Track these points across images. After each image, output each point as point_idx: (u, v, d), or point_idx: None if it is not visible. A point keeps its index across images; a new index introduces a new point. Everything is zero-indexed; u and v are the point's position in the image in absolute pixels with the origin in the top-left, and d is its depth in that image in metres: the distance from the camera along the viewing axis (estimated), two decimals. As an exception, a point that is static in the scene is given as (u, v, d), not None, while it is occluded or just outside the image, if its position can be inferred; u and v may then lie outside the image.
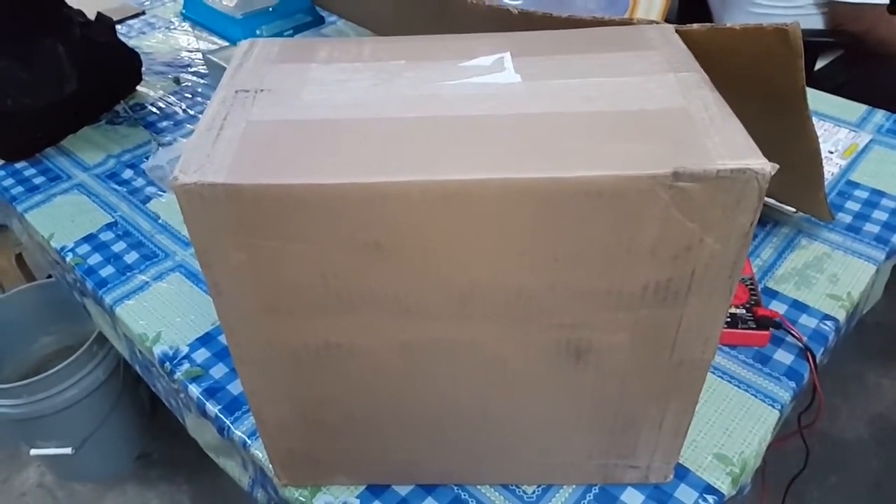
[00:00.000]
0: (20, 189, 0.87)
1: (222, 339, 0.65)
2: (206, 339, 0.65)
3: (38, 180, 0.89)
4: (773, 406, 0.57)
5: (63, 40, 0.91)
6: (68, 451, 1.17)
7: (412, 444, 0.49)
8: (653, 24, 0.47)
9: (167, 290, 0.72)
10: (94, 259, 0.76)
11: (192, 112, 1.01)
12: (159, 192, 0.85)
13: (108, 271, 0.74)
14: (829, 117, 0.91)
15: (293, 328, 0.41)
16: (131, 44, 1.08)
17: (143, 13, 1.31)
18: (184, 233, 0.79)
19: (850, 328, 0.70)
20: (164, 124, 0.98)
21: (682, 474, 0.52)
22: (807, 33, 0.46)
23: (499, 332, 0.41)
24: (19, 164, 0.92)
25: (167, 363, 0.64)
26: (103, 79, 0.99)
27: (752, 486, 0.56)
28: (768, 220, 0.75)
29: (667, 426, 0.46)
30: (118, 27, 1.05)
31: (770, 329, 0.61)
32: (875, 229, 0.73)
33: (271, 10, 1.12)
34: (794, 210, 0.74)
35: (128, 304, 0.70)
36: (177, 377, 0.63)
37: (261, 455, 0.55)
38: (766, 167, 0.33)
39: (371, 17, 1.01)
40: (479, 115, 0.38)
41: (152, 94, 1.06)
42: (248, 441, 0.56)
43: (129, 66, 1.05)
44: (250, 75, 0.42)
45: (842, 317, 0.64)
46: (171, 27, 1.26)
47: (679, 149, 0.35)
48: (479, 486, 0.53)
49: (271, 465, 0.52)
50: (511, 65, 0.42)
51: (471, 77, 0.41)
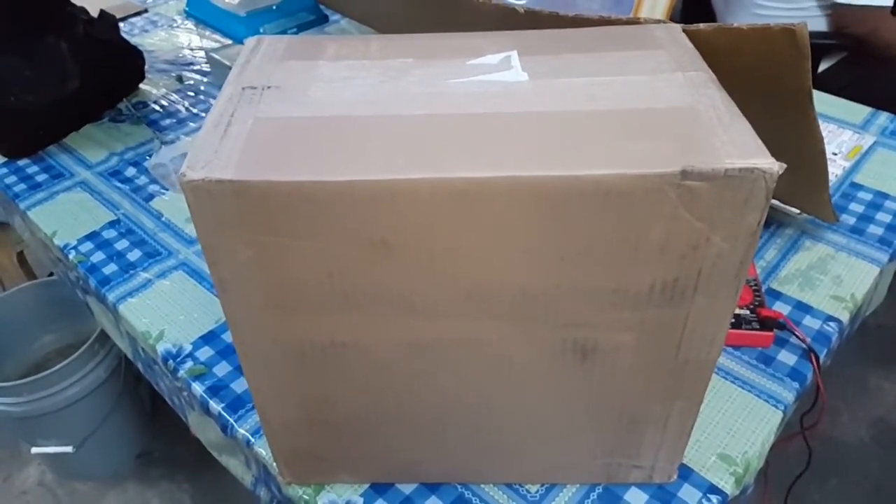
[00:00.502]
0: (23, 186, 0.87)
1: (226, 337, 0.65)
2: (209, 338, 0.65)
3: (41, 178, 0.89)
4: (776, 407, 0.57)
5: (66, 38, 0.91)
6: (69, 449, 1.17)
7: (416, 443, 0.49)
8: (660, 23, 0.47)
9: (170, 288, 0.71)
10: (97, 257, 0.76)
11: (194, 110, 1.01)
12: (162, 190, 0.85)
13: (111, 269, 0.74)
14: (833, 119, 0.91)
15: (299, 326, 0.41)
16: (134, 41, 1.08)
17: (146, 11, 1.32)
18: (187, 231, 0.79)
19: (853, 330, 0.70)
20: (167, 122, 0.98)
21: (685, 474, 0.52)
22: (811, 35, 0.46)
23: (504, 331, 0.41)
24: (22, 162, 0.92)
25: (170, 361, 0.64)
26: (106, 76, 0.99)
27: (754, 487, 0.56)
28: (772, 221, 0.75)
29: (671, 426, 0.46)
30: (121, 25, 1.05)
31: (774, 330, 0.61)
32: (879, 231, 0.73)
33: (275, 8, 1.12)
34: (798, 212, 0.74)
35: (131, 301, 0.70)
36: (180, 375, 0.63)
37: (264, 453, 0.55)
38: (774, 166, 0.33)
39: (375, 16, 1.01)
40: (487, 112, 0.38)
41: (155, 91, 1.06)
42: (252, 439, 0.56)
43: (132, 63, 1.05)
44: (257, 72, 0.42)
45: (845, 318, 0.64)
46: (174, 25, 1.26)
47: (687, 148, 0.35)
48: (482, 485, 0.53)
49: (275, 463, 0.52)
50: (518, 63, 0.42)
51: (478, 75, 0.41)
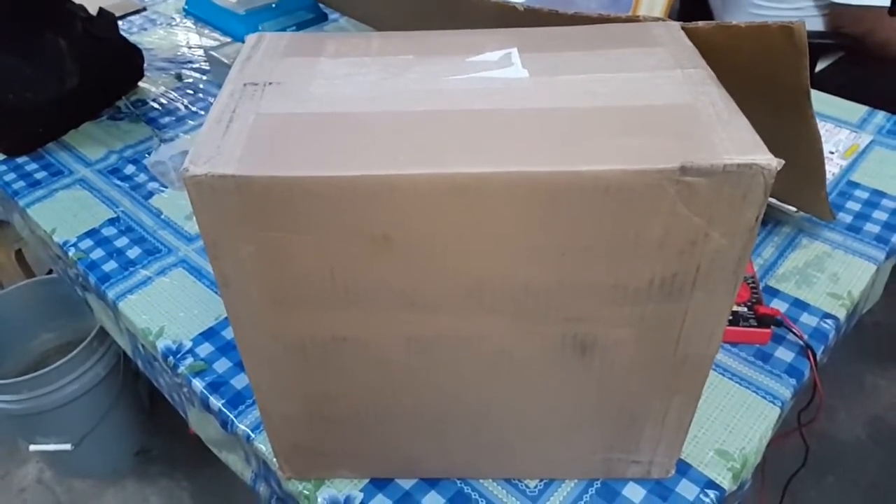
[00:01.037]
0: (22, 184, 0.87)
1: (225, 333, 0.66)
2: (209, 334, 0.66)
3: (40, 175, 0.89)
4: (773, 403, 0.57)
5: (65, 35, 0.91)
6: (68, 447, 1.17)
7: (416, 438, 0.49)
8: (659, 21, 0.47)
9: (170, 285, 0.72)
10: (97, 254, 0.76)
11: (193, 108, 1.01)
12: (161, 188, 0.86)
13: (110, 266, 0.74)
14: (830, 118, 0.91)
15: (300, 321, 0.41)
16: (133, 40, 1.08)
17: (145, 9, 1.32)
18: (186, 228, 0.79)
19: (850, 327, 0.71)
20: (166, 120, 0.99)
21: (683, 469, 0.53)
22: (808, 35, 0.46)
23: (504, 326, 0.41)
24: (21, 159, 0.92)
25: (170, 358, 0.64)
26: (105, 74, 0.99)
27: (751, 483, 0.56)
28: (770, 219, 0.75)
29: (670, 421, 0.47)
30: (120, 23, 1.05)
31: (771, 327, 0.62)
32: (875, 229, 0.74)
33: (274, 6, 1.12)
34: (795, 210, 0.75)
35: (131, 298, 0.70)
36: (180, 371, 0.63)
37: (264, 449, 0.55)
38: (772, 162, 0.34)
39: (374, 14, 1.01)
40: (487, 109, 0.38)
41: (154, 90, 1.06)
42: (252, 435, 0.56)
43: (130, 61, 1.05)
44: (259, 69, 0.42)
45: (842, 315, 0.65)
46: (173, 23, 1.26)
47: (686, 144, 0.35)
48: (481, 480, 0.53)
49: (275, 459, 0.52)
50: (518, 60, 0.42)
51: (478, 72, 0.42)
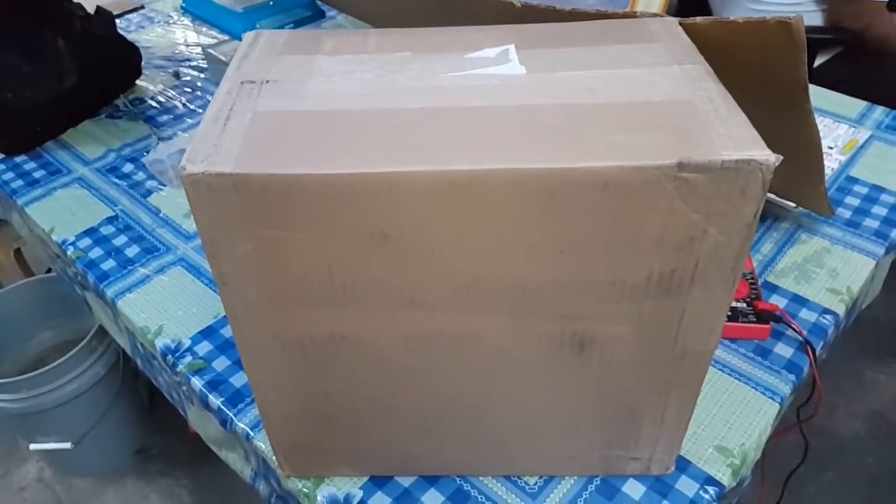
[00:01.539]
0: (20, 183, 0.87)
1: (224, 331, 0.66)
2: (208, 332, 0.66)
3: (39, 174, 0.89)
4: (773, 399, 0.57)
5: (63, 34, 0.90)
6: (68, 445, 1.17)
7: (415, 436, 0.49)
8: (656, 17, 0.47)
9: (169, 283, 0.72)
10: (96, 253, 0.76)
11: (191, 106, 1.01)
12: (160, 186, 0.85)
13: (109, 265, 0.74)
14: (828, 113, 0.91)
15: (298, 319, 0.41)
16: (130, 38, 1.08)
17: (142, 7, 1.31)
18: (185, 227, 0.79)
19: (849, 323, 0.71)
20: (164, 118, 0.98)
21: (683, 466, 0.53)
22: (806, 30, 0.46)
23: (502, 323, 0.41)
24: (19, 158, 0.92)
25: (169, 356, 0.64)
26: (103, 73, 0.98)
27: (751, 480, 0.56)
28: (768, 215, 0.75)
29: (669, 417, 0.47)
30: (117, 21, 1.05)
31: (770, 323, 0.62)
32: (874, 224, 0.74)
33: (271, 3, 1.12)
34: (794, 205, 0.75)
35: (129, 297, 0.70)
36: (179, 370, 0.63)
37: (264, 447, 0.55)
38: (771, 158, 0.34)
39: (372, 12, 1.01)
40: (485, 105, 0.38)
41: (152, 88, 1.06)
42: (251, 433, 0.56)
43: (129, 60, 1.05)
44: (256, 66, 0.42)
45: (841, 311, 0.65)
46: (170, 21, 1.26)
47: (684, 140, 0.35)
48: (481, 478, 0.53)
49: (275, 457, 0.52)
50: (516, 57, 0.42)
51: (476, 69, 0.42)
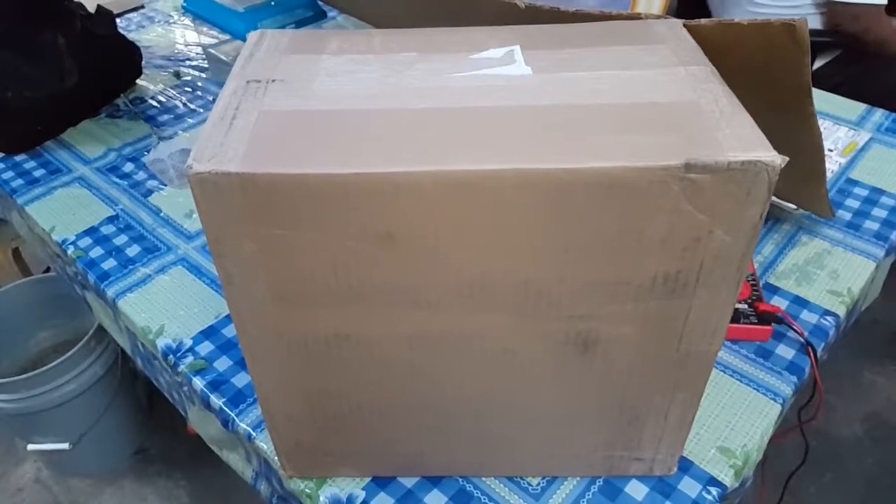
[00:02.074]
0: (20, 182, 0.87)
1: (226, 331, 0.65)
2: (209, 332, 0.65)
3: (39, 173, 0.88)
4: (774, 400, 0.57)
5: (64, 33, 0.90)
6: (66, 446, 1.16)
7: (419, 436, 0.49)
8: (661, 18, 0.47)
9: (169, 283, 0.71)
10: (96, 252, 0.76)
11: (192, 106, 1.01)
12: (160, 186, 0.85)
13: (109, 264, 0.74)
14: (828, 115, 0.91)
15: (303, 319, 0.41)
16: (130, 37, 1.08)
17: (143, 7, 1.31)
18: (185, 226, 0.79)
19: (850, 324, 0.71)
20: (165, 118, 0.98)
21: (685, 467, 0.53)
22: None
23: (507, 323, 0.41)
24: (19, 157, 0.91)
25: (170, 356, 0.64)
26: (104, 72, 0.98)
27: (752, 481, 0.56)
28: (769, 216, 0.75)
29: (672, 418, 0.47)
30: (117, 20, 1.05)
31: (772, 324, 0.62)
32: (875, 226, 0.74)
33: (273, 3, 1.11)
34: (794, 207, 0.75)
35: (130, 297, 0.70)
36: (180, 370, 0.63)
37: (266, 447, 0.55)
38: (777, 159, 0.34)
39: (374, 12, 1.01)
40: (491, 106, 0.38)
41: (152, 87, 1.06)
42: (253, 433, 0.56)
43: (129, 59, 1.05)
44: (261, 66, 0.42)
45: (842, 312, 0.65)
46: (171, 21, 1.26)
47: (690, 141, 0.35)
48: (484, 478, 0.53)
49: (277, 458, 0.52)
50: (521, 57, 0.42)
51: (481, 69, 0.42)
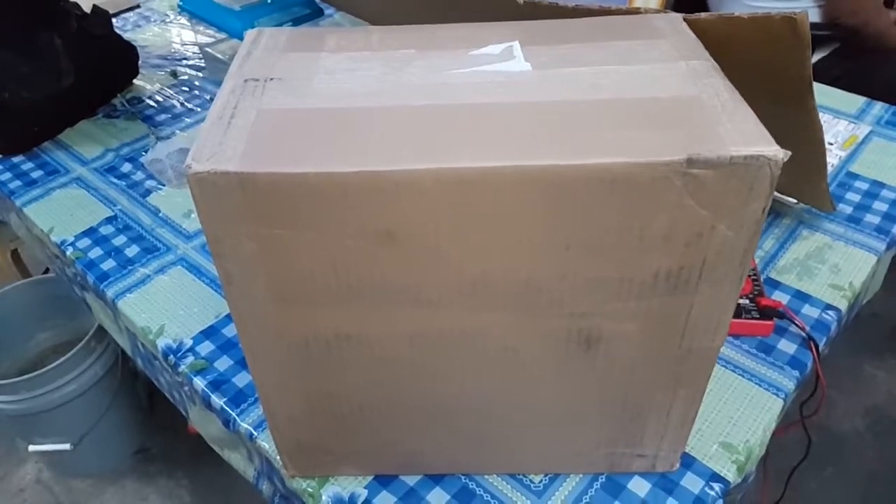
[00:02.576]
0: (18, 183, 0.87)
1: (226, 331, 0.65)
2: (209, 332, 0.65)
3: (36, 174, 0.88)
4: (776, 395, 0.57)
5: (60, 33, 0.90)
6: (67, 446, 1.16)
7: (421, 434, 0.49)
8: (661, 13, 0.47)
9: (169, 283, 0.71)
10: (95, 253, 0.75)
11: (189, 105, 1.00)
12: (159, 186, 0.85)
13: (109, 265, 0.74)
14: (828, 109, 0.91)
15: (303, 318, 0.41)
16: (127, 37, 1.07)
17: (139, 6, 1.31)
18: (184, 226, 0.79)
19: (851, 318, 0.71)
20: (162, 118, 0.98)
21: (687, 463, 0.53)
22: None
23: (509, 321, 0.41)
24: (17, 158, 0.91)
25: (171, 356, 0.63)
26: (101, 72, 0.98)
27: (754, 475, 0.56)
28: (770, 211, 0.74)
29: (675, 414, 0.47)
30: (114, 20, 1.04)
31: (773, 319, 0.62)
32: (875, 220, 0.74)
33: (270, 1, 1.11)
34: (794, 201, 0.75)
35: (130, 297, 0.70)
36: (181, 370, 0.62)
37: (267, 446, 0.55)
38: (779, 154, 0.33)
39: (370, 10, 1.00)
40: (491, 102, 0.38)
41: (149, 87, 1.05)
42: (255, 433, 0.56)
43: (126, 59, 1.04)
44: (259, 64, 0.42)
45: (844, 307, 0.65)
46: (167, 20, 1.25)
47: (692, 136, 0.35)
48: (486, 475, 0.53)
49: (279, 457, 0.52)
50: (521, 53, 0.42)
51: (481, 65, 0.41)
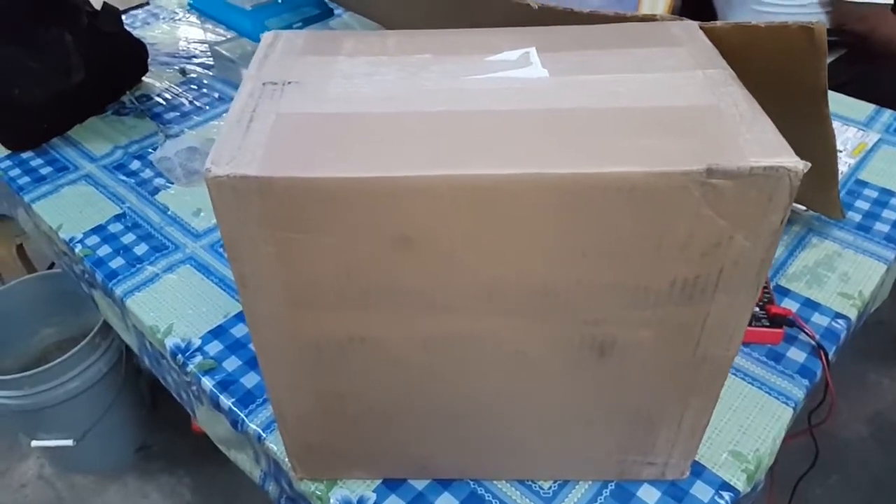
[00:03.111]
0: (27, 179, 0.87)
1: (235, 331, 0.65)
2: (218, 332, 0.65)
3: (45, 171, 0.88)
4: (786, 404, 0.57)
5: (71, 30, 0.90)
6: (69, 442, 1.16)
7: (431, 439, 0.49)
8: (677, 20, 0.46)
9: (178, 282, 0.71)
10: (104, 250, 0.75)
11: (198, 104, 1.00)
12: (167, 184, 0.85)
13: (117, 263, 0.74)
14: (837, 116, 0.91)
15: (317, 322, 0.41)
16: (135, 34, 1.07)
17: (148, 3, 1.31)
18: (193, 225, 0.79)
19: (859, 327, 0.70)
20: (171, 116, 0.98)
21: (697, 471, 0.52)
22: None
23: (523, 327, 0.41)
24: (26, 155, 0.91)
25: (179, 356, 0.63)
26: (110, 69, 0.98)
27: (762, 484, 0.56)
28: (779, 218, 0.75)
29: (687, 423, 0.47)
30: (123, 17, 1.04)
31: (783, 327, 0.61)
32: (885, 228, 0.74)
33: (280, 1, 1.11)
34: (804, 208, 0.74)
35: (138, 295, 0.70)
36: (189, 370, 0.62)
37: (276, 448, 0.55)
38: (799, 165, 0.33)
39: (382, 12, 1.00)
40: (508, 109, 0.38)
41: (158, 84, 1.05)
42: (263, 434, 0.56)
43: (135, 56, 1.04)
44: (277, 68, 0.42)
45: (853, 315, 0.65)
46: (176, 17, 1.25)
47: (711, 145, 0.35)
48: (495, 481, 0.53)
49: (288, 459, 0.52)
50: (538, 59, 0.42)
51: (497, 71, 0.41)
